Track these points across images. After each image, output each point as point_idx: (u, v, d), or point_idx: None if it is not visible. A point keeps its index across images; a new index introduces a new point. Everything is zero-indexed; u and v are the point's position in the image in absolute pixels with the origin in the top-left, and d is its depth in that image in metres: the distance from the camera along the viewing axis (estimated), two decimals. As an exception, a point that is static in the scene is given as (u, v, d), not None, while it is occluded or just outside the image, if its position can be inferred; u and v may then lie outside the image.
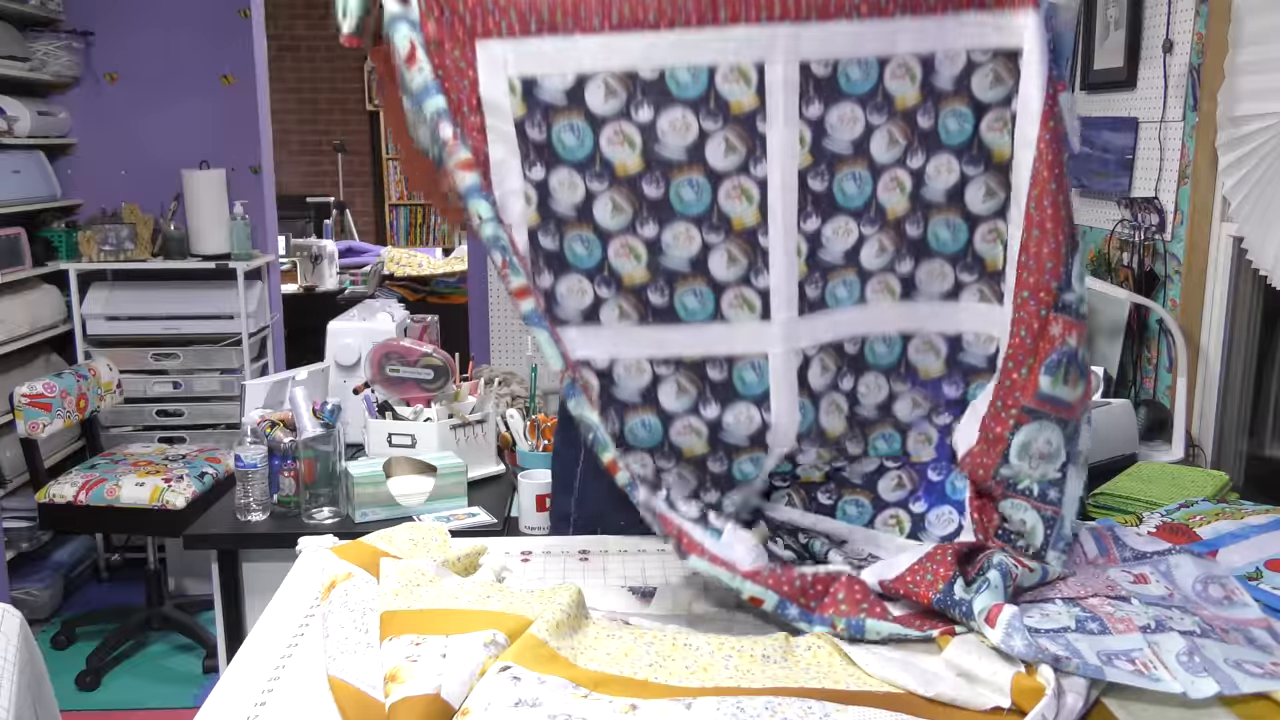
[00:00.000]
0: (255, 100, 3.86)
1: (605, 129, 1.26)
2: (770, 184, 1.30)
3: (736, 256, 1.32)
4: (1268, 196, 2.13)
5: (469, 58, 1.23)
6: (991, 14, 1.30)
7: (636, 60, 1.24)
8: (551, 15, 1.23)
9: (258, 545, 2.02)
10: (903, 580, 1.25)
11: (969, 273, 1.39)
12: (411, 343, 2.33)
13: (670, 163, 1.28)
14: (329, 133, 7.80)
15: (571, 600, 1.23)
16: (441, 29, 1.22)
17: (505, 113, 1.25)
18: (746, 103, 1.27)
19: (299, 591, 1.38)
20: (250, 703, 1.10)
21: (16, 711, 1.52)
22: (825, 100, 1.30)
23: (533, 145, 1.27)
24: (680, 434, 1.34)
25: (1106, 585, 1.28)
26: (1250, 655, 1.12)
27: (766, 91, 1.27)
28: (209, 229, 3.73)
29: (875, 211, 1.35)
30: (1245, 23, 2.20)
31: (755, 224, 1.31)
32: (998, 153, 1.34)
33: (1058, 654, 1.08)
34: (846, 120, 1.31)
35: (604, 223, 1.29)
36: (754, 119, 1.28)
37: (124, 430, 3.78)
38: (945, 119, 1.33)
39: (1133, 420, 2.29)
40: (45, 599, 3.51)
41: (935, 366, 1.43)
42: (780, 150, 1.29)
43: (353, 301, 3.70)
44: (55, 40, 3.61)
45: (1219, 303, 2.37)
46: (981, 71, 1.32)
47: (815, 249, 1.34)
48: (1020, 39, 1.31)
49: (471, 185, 1.22)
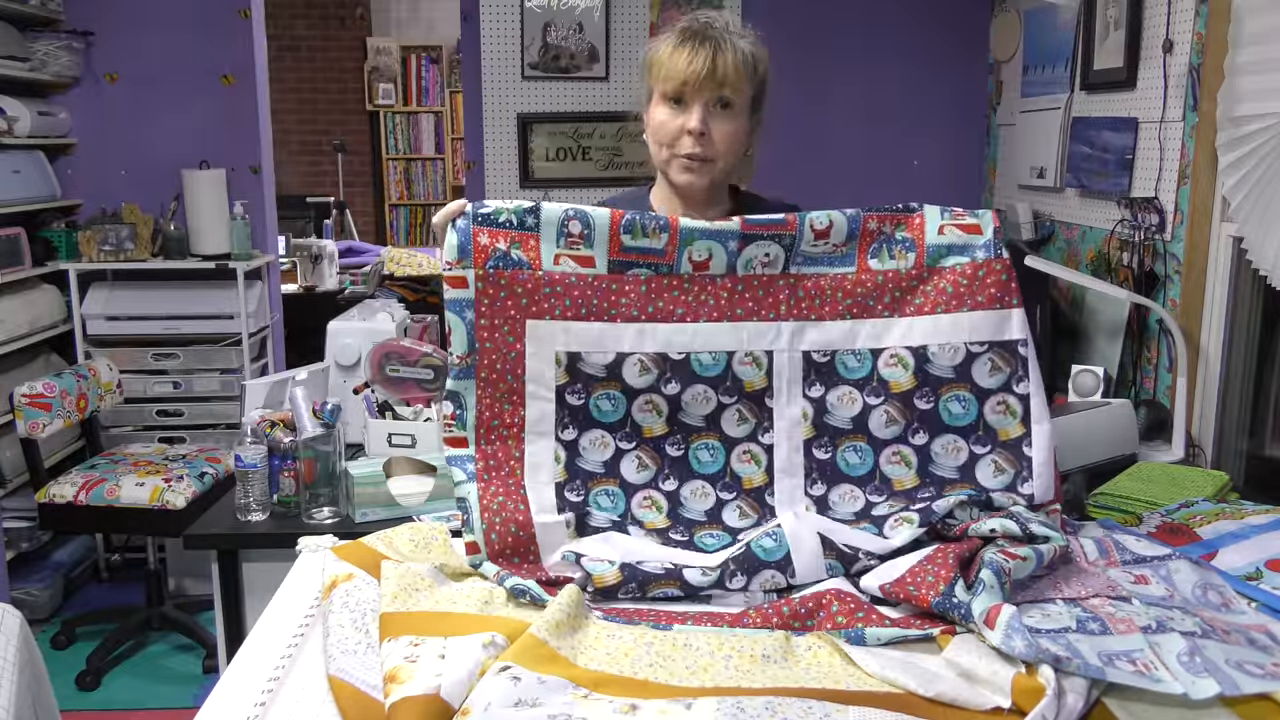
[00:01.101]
0: (255, 100, 3.86)
1: (638, 399, 1.46)
2: (776, 451, 1.47)
3: (747, 511, 1.46)
4: (1268, 196, 2.13)
5: (518, 333, 1.44)
6: (983, 313, 1.45)
7: (667, 344, 1.45)
8: (600, 305, 1.45)
9: (258, 545, 2.01)
10: (903, 583, 1.26)
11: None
12: (411, 343, 2.32)
13: (691, 428, 1.48)
14: (329, 133, 7.80)
15: (571, 600, 1.23)
16: (494, 310, 1.44)
17: (549, 381, 1.45)
18: (758, 382, 1.47)
19: (299, 591, 1.38)
20: (250, 703, 1.10)
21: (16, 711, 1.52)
22: (825, 383, 1.48)
23: (569, 409, 1.46)
24: None
25: (1107, 585, 1.28)
26: (1251, 656, 1.12)
27: (774, 374, 1.47)
28: (209, 229, 3.73)
29: (880, 480, 1.47)
30: (1245, 23, 2.20)
31: (763, 484, 1.47)
32: (1003, 432, 1.45)
33: (1058, 654, 1.08)
34: (845, 400, 1.48)
35: (630, 477, 1.47)
36: (763, 396, 1.48)
37: (124, 430, 3.78)
38: (946, 403, 1.46)
39: (1133, 420, 2.29)
40: (45, 599, 3.51)
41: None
42: (786, 423, 1.47)
43: (353, 301, 3.70)
44: (55, 40, 3.60)
45: (1219, 303, 2.37)
46: (981, 360, 1.45)
47: (822, 509, 1.45)
48: (1014, 331, 1.46)
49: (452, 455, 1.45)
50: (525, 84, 3.62)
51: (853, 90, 3.80)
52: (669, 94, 1.58)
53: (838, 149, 3.82)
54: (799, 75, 3.72)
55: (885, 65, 3.79)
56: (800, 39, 3.71)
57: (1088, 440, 2.20)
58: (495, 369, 1.44)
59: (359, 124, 7.85)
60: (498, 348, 1.44)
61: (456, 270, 1.44)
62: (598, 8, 3.57)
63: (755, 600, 1.32)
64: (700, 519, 1.46)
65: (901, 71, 3.80)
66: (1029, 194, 3.39)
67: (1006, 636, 1.11)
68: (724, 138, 1.57)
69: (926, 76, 3.80)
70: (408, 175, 7.94)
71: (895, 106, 3.82)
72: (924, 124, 3.84)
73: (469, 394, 1.43)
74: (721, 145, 1.58)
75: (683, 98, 1.57)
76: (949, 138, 3.86)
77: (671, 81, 1.56)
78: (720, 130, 1.57)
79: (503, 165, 3.67)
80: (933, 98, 3.82)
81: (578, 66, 3.60)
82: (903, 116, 3.84)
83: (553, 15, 3.57)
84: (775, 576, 1.33)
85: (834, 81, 3.78)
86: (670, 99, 1.58)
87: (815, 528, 1.38)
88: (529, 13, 3.56)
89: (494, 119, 3.64)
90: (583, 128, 3.64)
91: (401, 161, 7.92)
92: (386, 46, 7.71)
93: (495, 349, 1.44)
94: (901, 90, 3.82)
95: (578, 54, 3.60)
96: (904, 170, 3.86)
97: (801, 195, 1.74)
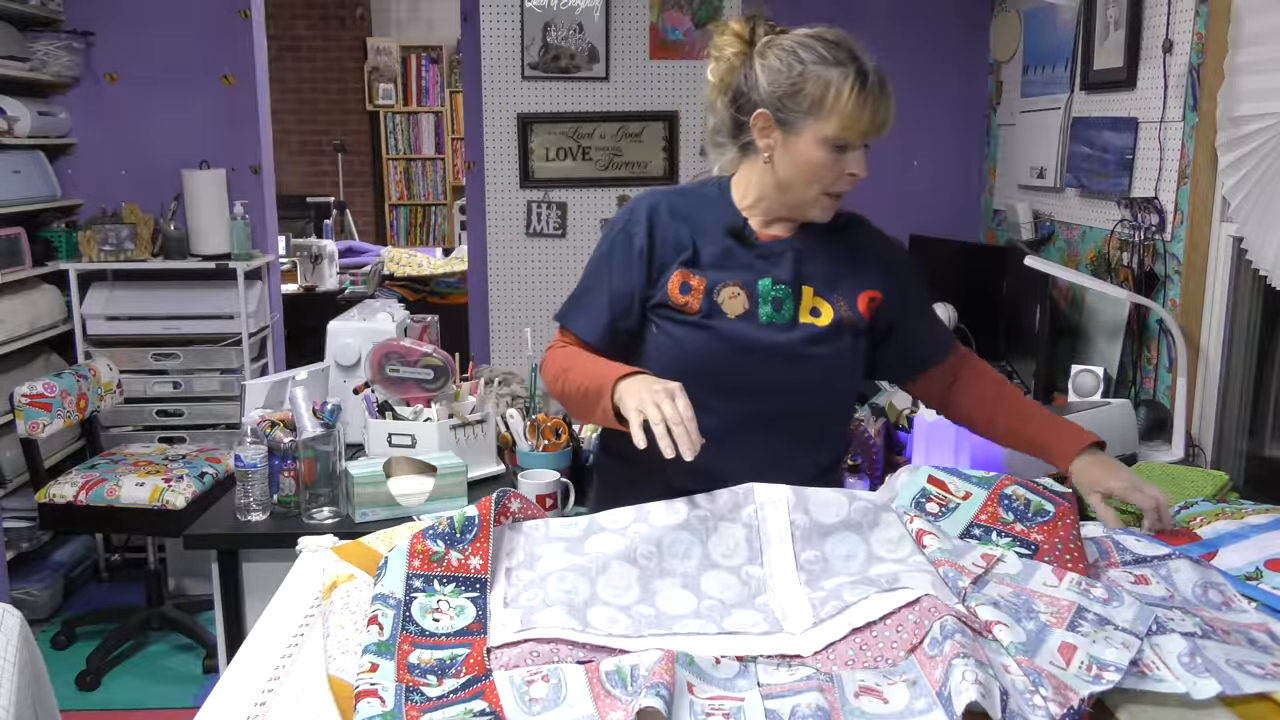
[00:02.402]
0: (255, 100, 3.86)
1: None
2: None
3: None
4: (1268, 196, 2.13)
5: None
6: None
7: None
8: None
9: (258, 545, 2.01)
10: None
11: None
12: (411, 343, 2.32)
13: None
14: (329, 133, 7.80)
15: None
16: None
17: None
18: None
19: (299, 591, 1.38)
20: (250, 703, 1.10)
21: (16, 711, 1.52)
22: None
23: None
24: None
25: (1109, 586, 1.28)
26: (1252, 656, 1.12)
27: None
28: (209, 229, 3.73)
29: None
30: (1245, 23, 2.20)
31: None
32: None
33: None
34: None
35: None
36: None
37: (124, 430, 3.78)
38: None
39: (1133, 420, 2.29)
40: (45, 599, 3.51)
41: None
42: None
43: (353, 301, 3.71)
44: (55, 40, 3.61)
45: (1219, 303, 2.37)
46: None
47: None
48: None
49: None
50: (525, 84, 3.62)
51: (853, 90, 3.79)
52: (835, 138, 1.50)
53: (838, 149, 3.81)
54: (799, 75, 3.71)
55: (885, 65, 3.76)
56: (800, 39, 3.70)
57: (1088, 440, 2.20)
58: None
59: (359, 124, 7.85)
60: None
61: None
62: (598, 8, 3.57)
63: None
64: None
65: (901, 71, 3.77)
66: (1029, 194, 3.39)
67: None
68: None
69: (926, 76, 3.80)
70: (408, 175, 7.94)
71: (895, 106, 3.81)
72: (924, 124, 3.84)
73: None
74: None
75: (843, 145, 1.51)
76: (949, 138, 3.86)
77: (850, 131, 1.50)
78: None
79: (503, 165, 3.67)
80: (933, 98, 3.82)
81: (578, 66, 3.60)
82: (903, 116, 3.81)
83: (553, 15, 3.57)
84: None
85: (834, 81, 3.78)
86: (834, 144, 1.50)
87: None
88: (529, 13, 3.56)
89: (494, 119, 3.64)
90: (583, 128, 3.64)
91: (401, 161, 7.92)
92: (386, 46, 7.71)
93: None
94: (901, 90, 3.80)
95: (578, 54, 3.60)
96: (904, 170, 3.86)
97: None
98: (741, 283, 1.53)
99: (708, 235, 1.56)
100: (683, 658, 1.09)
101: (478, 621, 1.19)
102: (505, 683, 1.06)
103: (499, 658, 1.12)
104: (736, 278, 1.54)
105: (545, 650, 1.12)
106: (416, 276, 5.46)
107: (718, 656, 1.11)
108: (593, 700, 1.02)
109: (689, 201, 1.60)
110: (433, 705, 1.04)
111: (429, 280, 5.43)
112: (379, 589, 1.22)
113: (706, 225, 1.56)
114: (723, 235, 1.56)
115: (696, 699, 1.04)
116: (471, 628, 1.18)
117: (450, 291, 5.32)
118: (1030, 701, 1.00)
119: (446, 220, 7.93)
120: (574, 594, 1.22)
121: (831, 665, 1.12)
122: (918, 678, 1.07)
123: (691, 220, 1.57)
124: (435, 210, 8.00)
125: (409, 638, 1.15)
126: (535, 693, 1.04)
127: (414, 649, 1.14)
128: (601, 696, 1.03)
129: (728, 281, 1.53)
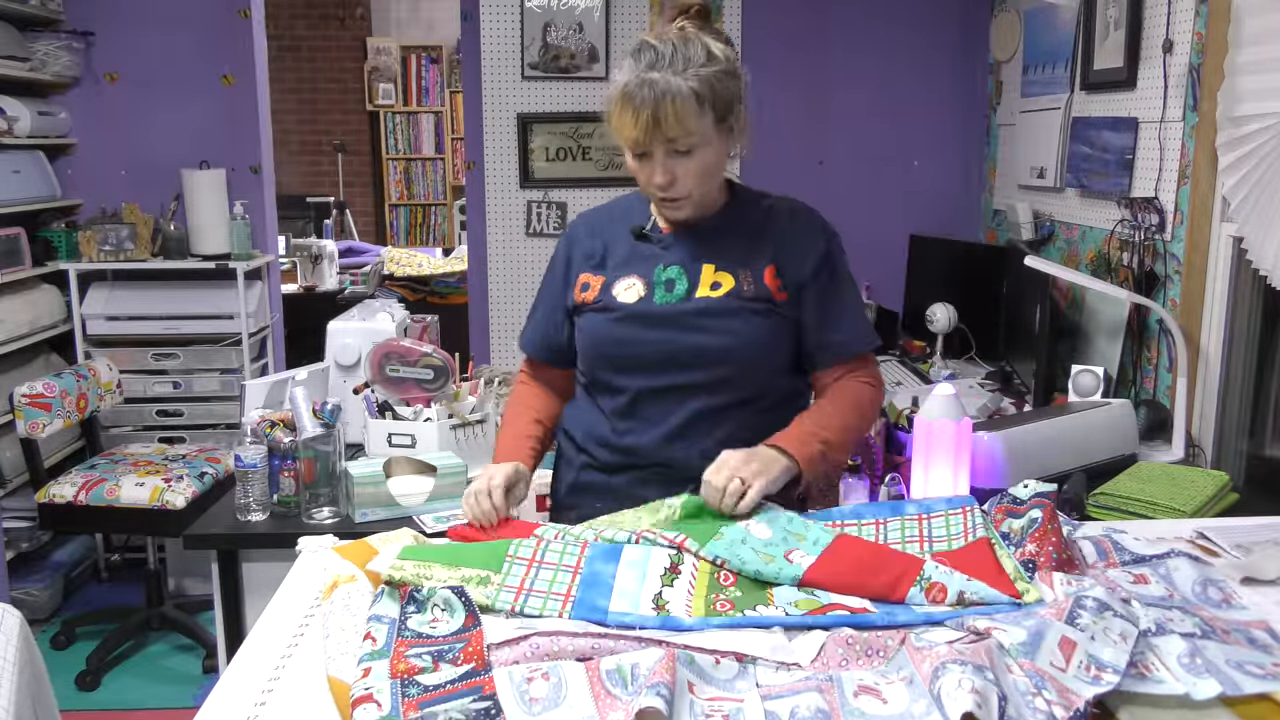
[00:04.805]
0: (255, 100, 3.86)
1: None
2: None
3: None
4: (1268, 196, 2.13)
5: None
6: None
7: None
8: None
9: (258, 545, 2.01)
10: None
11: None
12: (411, 343, 2.32)
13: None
14: (329, 133, 7.81)
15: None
16: None
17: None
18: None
19: (299, 591, 1.38)
20: (250, 703, 1.10)
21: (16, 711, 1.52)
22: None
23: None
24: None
25: (1107, 586, 1.28)
26: (1251, 656, 1.12)
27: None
28: (209, 229, 3.73)
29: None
30: (1245, 23, 2.20)
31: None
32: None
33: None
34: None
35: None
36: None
37: (124, 430, 3.78)
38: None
39: (1133, 420, 2.29)
40: (45, 599, 3.51)
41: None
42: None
43: (353, 301, 3.70)
44: (55, 40, 3.61)
45: (1219, 303, 2.37)
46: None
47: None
48: None
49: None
50: (525, 84, 3.62)
51: (853, 90, 3.80)
52: (626, 145, 1.58)
53: (838, 149, 3.82)
54: (799, 75, 3.72)
55: (885, 65, 3.79)
56: (800, 39, 3.70)
57: (1087, 440, 2.20)
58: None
59: (359, 124, 7.86)
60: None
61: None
62: (598, 8, 3.57)
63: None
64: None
65: (901, 71, 3.80)
66: (1029, 194, 3.39)
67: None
68: (690, 175, 1.57)
69: (926, 76, 3.80)
70: (408, 175, 7.94)
71: (895, 107, 3.82)
72: (924, 124, 3.84)
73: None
74: (690, 181, 1.57)
75: (642, 152, 1.56)
76: (949, 138, 3.86)
77: (626, 142, 1.57)
78: (684, 170, 1.56)
79: (503, 165, 3.67)
80: (933, 98, 3.83)
81: (578, 66, 3.60)
82: (903, 116, 3.84)
83: (553, 15, 3.57)
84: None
85: (834, 81, 3.78)
86: (634, 154, 1.58)
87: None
88: (529, 13, 3.56)
89: (494, 119, 3.64)
90: (583, 128, 3.64)
91: (401, 161, 7.92)
92: (386, 46, 7.71)
93: None
94: (901, 90, 3.82)
95: (578, 54, 3.60)
96: (904, 170, 3.86)
97: (802, 195, 1.74)
98: (639, 274, 1.65)
99: (619, 241, 1.70)
100: (683, 657, 1.09)
101: (471, 616, 1.20)
102: (505, 680, 1.06)
103: (499, 655, 1.12)
104: (635, 271, 1.66)
105: (545, 643, 1.12)
106: (416, 276, 5.46)
107: (718, 656, 1.12)
108: (593, 700, 1.03)
109: (606, 215, 1.75)
110: (430, 698, 1.04)
111: (429, 280, 5.43)
112: (373, 610, 1.23)
113: (619, 233, 1.71)
114: (630, 238, 1.69)
115: (697, 699, 1.04)
116: (466, 623, 1.19)
117: (450, 291, 5.32)
118: (1033, 704, 1.00)
119: (446, 220, 7.94)
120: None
121: (828, 667, 1.13)
122: (913, 675, 1.07)
123: (605, 232, 1.72)
124: (435, 210, 8.00)
125: (405, 641, 1.16)
126: (535, 692, 1.04)
127: (410, 648, 1.14)
128: (602, 696, 1.03)
129: (625, 274, 1.66)
